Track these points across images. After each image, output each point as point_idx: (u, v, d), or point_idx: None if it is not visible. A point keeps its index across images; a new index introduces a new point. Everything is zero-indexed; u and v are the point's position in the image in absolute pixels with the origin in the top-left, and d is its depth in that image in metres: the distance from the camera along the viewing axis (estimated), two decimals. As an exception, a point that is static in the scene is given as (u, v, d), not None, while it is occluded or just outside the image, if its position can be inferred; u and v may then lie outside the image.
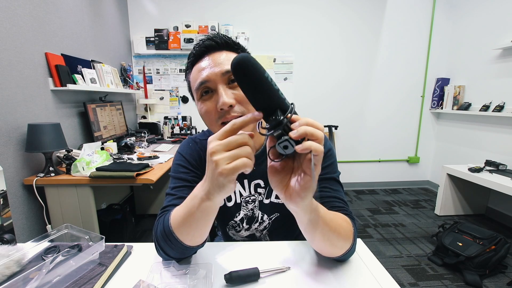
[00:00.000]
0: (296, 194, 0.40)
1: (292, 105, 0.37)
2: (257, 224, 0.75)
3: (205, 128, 0.76)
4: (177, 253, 0.55)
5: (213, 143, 0.38)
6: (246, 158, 0.37)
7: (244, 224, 0.75)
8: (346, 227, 0.55)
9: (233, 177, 0.38)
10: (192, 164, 0.68)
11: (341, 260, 0.58)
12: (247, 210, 0.74)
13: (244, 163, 0.36)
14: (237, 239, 0.79)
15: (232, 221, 0.76)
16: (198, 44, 0.60)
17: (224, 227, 0.78)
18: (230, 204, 0.73)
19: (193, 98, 0.66)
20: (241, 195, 0.72)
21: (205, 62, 0.58)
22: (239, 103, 0.56)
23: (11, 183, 1.30)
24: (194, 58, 0.60)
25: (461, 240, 1.71)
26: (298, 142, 0.36)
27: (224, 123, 0.57)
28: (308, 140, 0.36)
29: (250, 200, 0.73)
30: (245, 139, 0.38)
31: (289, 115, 0.36)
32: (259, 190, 0.72)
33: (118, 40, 2.57)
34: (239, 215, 0.74)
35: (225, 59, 0.57)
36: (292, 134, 0.35)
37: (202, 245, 0.56)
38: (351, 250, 0.56)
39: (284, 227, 0.76)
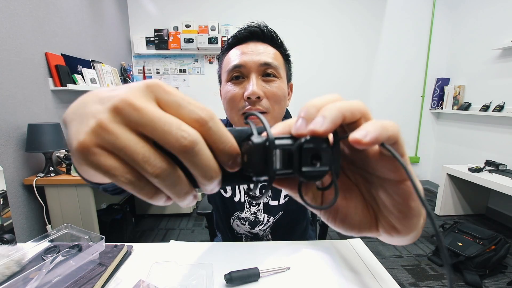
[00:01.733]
0: (399, 219, 0.21)
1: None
2: (262, 225, 0.73)
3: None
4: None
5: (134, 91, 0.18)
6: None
7: (247, 225, 0.74)
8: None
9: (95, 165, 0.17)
10: None
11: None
12: (250, 213, 0.71)
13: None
14: (241, 231, 0.76)
15: (237, 213, 0.73)
16: (243, 28, 0.59)
17: (229, 218, 0.75)
18: (236, 198, 0.70)
19: (219, 80, 0.64)
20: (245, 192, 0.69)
21: (245, 48, 0.57)
22: (267, 98, 0.55)
23: (11, 183, 1.30)
24: (235, 40, 0.59)
25: (461, 240, 1.71)
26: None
27: (244, 114, 0.56)
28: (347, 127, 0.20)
29: (254, 203, 0.70)
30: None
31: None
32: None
33: (118, 40, 2.57)
34: (242, 213, 0.73)
35: (265, 51, 0.56)
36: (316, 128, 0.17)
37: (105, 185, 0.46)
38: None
39: (287, 225, 0.74)
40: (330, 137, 0.18)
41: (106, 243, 0.60)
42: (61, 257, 0.53)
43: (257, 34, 0.58)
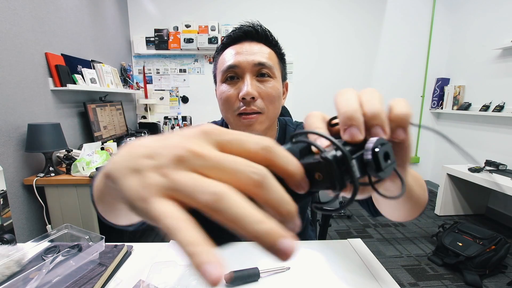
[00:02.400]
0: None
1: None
2: None
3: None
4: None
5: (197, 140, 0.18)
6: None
7: None
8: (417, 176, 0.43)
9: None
10: None
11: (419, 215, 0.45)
12: None
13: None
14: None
15: None
16: (237, 28, 0.59)
17: None
18: None
19: (214, 81, 0.64)
20: None
21: (239, 48, 0.57)
22: (262, 98, 0.55)
23: (11, 183, 1.30)
24: (229, 40, 0.59)
25: (461, 240, 1.71)
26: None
27: (240, 115, 0.56)
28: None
29: None
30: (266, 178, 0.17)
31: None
32: None
33: (118, 40, 2.57)
34: None
35: (259, 51, 0.56)
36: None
37: (132, 226, 0.44)
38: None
39: None
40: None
41: (106, 243, 0.60)
42: (61, 257, 0.53)
43: (251, 34, 0.58)
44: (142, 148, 0.17)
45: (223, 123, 0.70)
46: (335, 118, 0.23)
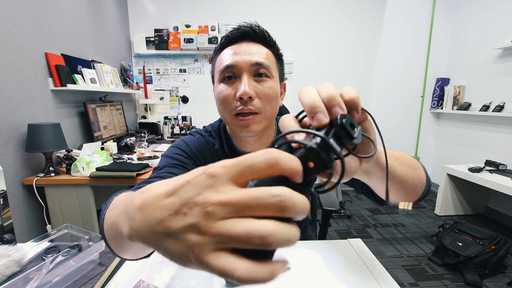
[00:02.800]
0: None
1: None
2: None
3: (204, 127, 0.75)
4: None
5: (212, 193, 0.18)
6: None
7: None
8: (404, 156, 0.46)
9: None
10: (191, 151, 0.65)
11: (423, 196, 0.49)
12: None
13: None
14: None
15: None
16: (235, 28, 0.59)
17: None
18: None
19: (212, 81, 0.64)
20: None
21: (237, 48, 0.57)
22: (259, 98, 0.56)
23: (11, 183, 1.30)
24: (227, 40, 0.59)
25: (461, 240, 1.71)
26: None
27: (238, 115, 0.56)
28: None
29: None
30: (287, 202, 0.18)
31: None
32: None
33: (118, 40, 2.57)
34: None
35: (257, 51, 0.57)
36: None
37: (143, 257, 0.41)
38: (428, 178, 0.49)
39: None
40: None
41: (106, 243, 0.60)
42: (61, 257, 0.53)
43: (249, 34, 0.58)
44: (160, 211, 0.18)
45: (220, 124, 0.70)
46: (302, 112, 0.27)
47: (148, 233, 0.18)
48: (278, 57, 0.63)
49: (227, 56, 0.57)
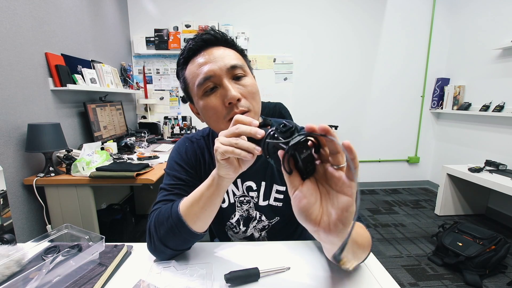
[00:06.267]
0: (336, 223, 0.33)
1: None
2: (255, 222, 0.73)
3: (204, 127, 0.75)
4: (178, 242, 0.55)
5: (220, 133, 0.45)
6: (239, 149, 0.42)
7: (241, 226, 0.74)
8: (366, 235, 0.51)
9: (225, 157, 0.43)
10: (187, 163, 0.67)
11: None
12: (242, 211, 0.73)
13: (235, 152, 0.42)
14: (235, 240, 0.78)
15: (229, 222, 0.75)
16: (195, 38, 0.58)
17: (223, 227, 0.77)
18: (224, 205, 0.72)
19: (188, 97, 0.63)
20: (234, 194, 0.71)
21: (204, 57, 0.56)
22: (245, 97, 0.56)
23: (11, 183, 1.30)
24: (191, 52, 0.58)
25: (461, 240, 1.71)
26: (309, 167, 0.36)
27: (231, 119, 0.57)
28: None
29: (244, 201, 0.72)
30: (239, 130, 0.42)
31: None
32: (251, 193, 0.71)
33: (118, 40, 2.57)
34: (234, 216, 0.73)
35: (226, 54, 0.57)
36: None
37: (202, 234, 0.56)
38: (367, 258, 0.53)
39: (284, 230, 0.75)
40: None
41: (106, 243, 0.60)
42: (61, 257, 0.53)
43: (211, 40, 0.57)
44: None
45: (210, 132, 0.72)
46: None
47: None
48: (242, 53, 0.63)
49: (199, 69, 0.55)
